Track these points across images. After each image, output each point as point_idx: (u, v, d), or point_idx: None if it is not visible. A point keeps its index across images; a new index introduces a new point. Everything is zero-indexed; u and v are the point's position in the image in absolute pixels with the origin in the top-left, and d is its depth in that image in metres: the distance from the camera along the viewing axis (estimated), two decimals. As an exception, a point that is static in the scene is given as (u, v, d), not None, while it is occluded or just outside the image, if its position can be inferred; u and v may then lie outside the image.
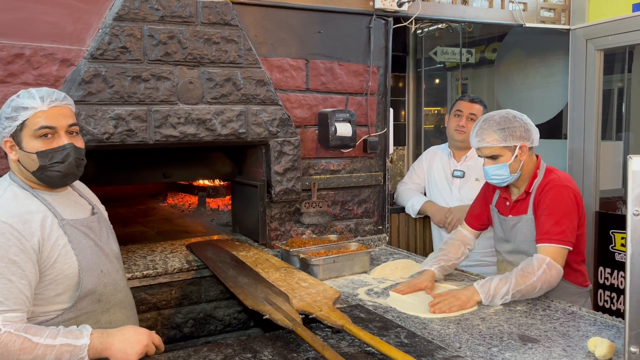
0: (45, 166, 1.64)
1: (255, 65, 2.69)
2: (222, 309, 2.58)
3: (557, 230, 2.05)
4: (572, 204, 2.10)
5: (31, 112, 1.63)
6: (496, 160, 2.14)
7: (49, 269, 1.60)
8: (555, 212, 2.08)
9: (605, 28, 3.58)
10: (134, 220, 3.69)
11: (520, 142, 2.12)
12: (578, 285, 2.26)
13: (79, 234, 1.69)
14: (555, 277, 2.02)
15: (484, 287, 2.02)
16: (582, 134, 3.77)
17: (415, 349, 1.63)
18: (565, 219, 2.07)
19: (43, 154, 1.64)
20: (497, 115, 2.18)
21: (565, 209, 2.09)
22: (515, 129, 2.12)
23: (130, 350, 1.56)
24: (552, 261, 2.02)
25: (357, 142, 3.07)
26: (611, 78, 4.10)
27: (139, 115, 2.42)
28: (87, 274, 1.67)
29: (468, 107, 3.01)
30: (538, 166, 2.22)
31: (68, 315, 1.64)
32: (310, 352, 1.63)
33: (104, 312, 1.73)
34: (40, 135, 1.64)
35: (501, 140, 2.11)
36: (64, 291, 1.64)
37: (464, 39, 4.86)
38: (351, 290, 2.29)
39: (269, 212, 2.87)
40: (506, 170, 2.14)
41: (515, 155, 2.13)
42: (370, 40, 3.09)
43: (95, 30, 2.38)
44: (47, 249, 1.60)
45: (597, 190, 3.74)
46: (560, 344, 1.69)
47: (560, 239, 2.04)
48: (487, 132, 2.14)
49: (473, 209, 2.50)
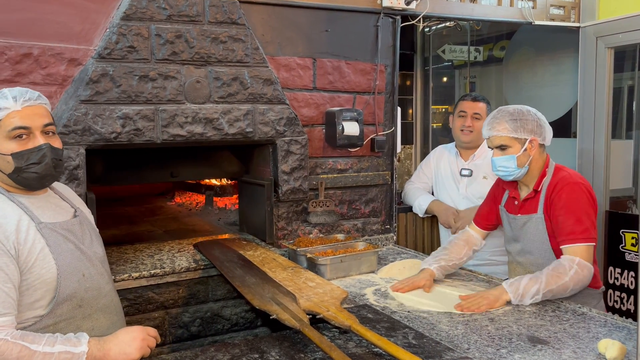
0: (21, 168, 1.58)
1: (262, 64, 2.68)
2: (229, 308, 2.58)
3: (580, 229, 2.02)
4: (588, 199, 2.08)
5: (4, 113, 1.57)
6: (505, 151, 2.12)
7: (26, 273, 1.53)
8: (573, 211, 2.05)
9: (615, 26, 3.54)
10: (141, 219, 3.70)
11: (531, 136, 2.11)
12: (589, 287, 2.18)
13: (58, 237, 1.63)
14: (588, 276, 1.99)
15: (513, 286, 2.00)
16: (592, 133, 3.73)
17: (423, 350, 1.62)
18: (584, 216, 2.04)
19: (18, 155, 1.57)
20: (512, 107, 2.17)
21: (582, 205, 2.06)
22: (527, 121, 2.11)
23: (129, 349, 1.54)
24: (582, 261, 1.99)
25: (364, 141, 3.06)
26: (621, 76, 4.06)
27: (147, 115, 2.42)
28: (66, 278, 1.60)
29: (471, 107, 2.99)
30: (547, 164, 2.20)
31: (46, 322, 1.57)
32: (317, 352, 1.62)
33: (85, 317, 1.65)
34: (15, 136, 1.57)
35: (512, 131, 2.10)
36: (42, 297, 1.57)
37: (472, 37, 4.83)
38: (358, 290, 2.28)
39: (276, 212, 2.86)
40: (514, 163, 2.11)
41: (525, 149, 2.11)
42: (378, 38, 3.08)
43: (103, 29, 2.38)
44: (24, 253, 1.53)
45: (607, 190, 3.70)
46: (570, 345, 1.68)
47: (585, 237, 2.01)
48: (499, 121, 2.13)
49: (481, 209, 2.48)
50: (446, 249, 2.41)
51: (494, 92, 5.04)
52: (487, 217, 2.44)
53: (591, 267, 2.01)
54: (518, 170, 2.13)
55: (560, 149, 4.16)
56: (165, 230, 3.30)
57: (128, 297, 2.32)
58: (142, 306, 2.38)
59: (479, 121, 2.92)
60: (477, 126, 2.92)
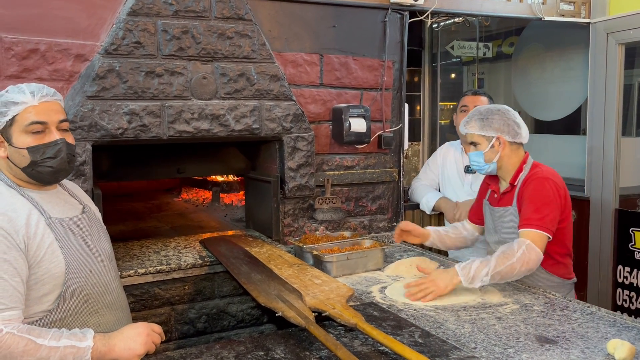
0: (36, 162, 1.60)
1: (269, 60, 2.67)
2: (235, 305, 2.57)
3: (537, 217, 2.12)
4: (552, 194, 2.18)
5: (22, 107, 1.59)
6: (476, 147, 2.30)
7: (35, 267, 1.55)
8: (535, 201, 2.17)
9: (626, 22, 3.50)
10: (147, 215, 3.71)
11: (497, 134, 2.25)
12: (561, 277, 2.31)
13: (67, 232, 1.64)
14: (534, 259, 2.06)
15: (465, 269, 2.06)
16: (601, 130, 3.69)
17: (430, 348, 1.61)
18: (544, 208, 2.14)
19: (34, 149, 1.60)
20: (485, 107, 2.34)
21: (545, 198, 2.17)
22: (493, 120, 2.26)
23: (134, 344, 1.54)
24: (532, 244, 2.07)
25: (371, 138, 3.04)
26: (632, 73, 4.01)
27: (153, 111, 2.42)
28: (74, 273, 1.61)
29: (473, 101, 2.98)
30: (525, 161, 2.31)
31: (53, 317, 1.58)
32: (323, 350, 1.61)
33: (91, 313, 1.66)
34: (32, 131, 1.60)
35: (479, 129, 2.27)
36: (50, 291, 1.58)
37: (480, 33, 4.78)
38: (365, 287, 2.27)
39: (283, 208, 2.86)
40: (482, 158, 2.29)
41: (492, 146, 2.26)
42: (386, 34, 3.06)
43: (110, 25, 2.38)
44: (33, 247, 1.55)
45: (617, 188, 3.66)
46: (578, 345, 1.66)
47: (539, 225, 2.11)
48: (470, 119, 2.31)
49: (474, 205, 2.61)
50: (447, 229, 2.62)
51: (502, 88, 4.99)
52: (477, 213, 2.56)
53: (539, 252, 2.08)
54: (487, 165, 2.30)
55: (570, 146, 4.13)
56: (172, 227, 3.30)
57: (134, 293, 2.32)
58: (148, 302, 2.38)
59: None
60: None
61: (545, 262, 2.20)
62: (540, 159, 2.94)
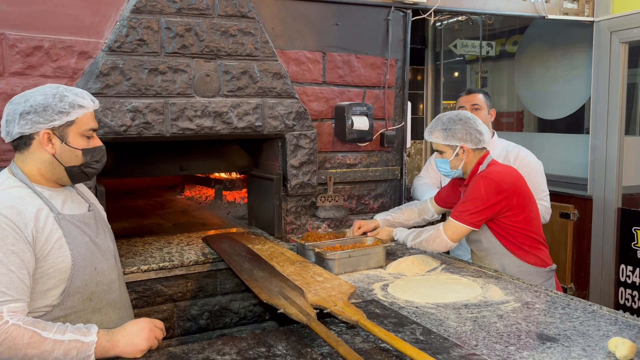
0: (86, 163, 1.72)
1: (272, 58, 2.67)
2: (237, 302, 2.58)
3: (460, 209, 2.34)
4: (482, 191, 2.31)
5: (85, 112, 1.69)
6: (441, 155, 2.43)
7: (41, 261, 1.57)
8: (467, 195, 2.35)
9: (630, 20, 3.49)
10: (150, 212, 3.72)
11: (460, 143, 2.36)
12: (534, 265, 2.40)
13: (74, 229, 1.67)
14: (438, 245, 2.38)
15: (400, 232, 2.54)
16: (605, 129, 3.69)
17: (431, 346, 1.61)
18: (468, 202, 2.32)
19: (88, 151, 1.72)
20: (446, 116, 2.42)
21: (473, 194, 2.32)
22: (456, 131, 2.36)
23: (137, 340, 1.56)
24: (441, 230, 2.36)
25: (374, 136, 3.05)
26: (635, 72, 4.01)
27: (156, 108, 2.43)
28: (79, 270, 1.63)
29: (469, 100, 2.98)
30: (481, 162, 2.39)
31: (57, 313, 1.60)
32: (324, 347, 1.62)
33: (95, 311, 1.68)
34: (87, 135, 1.72)
35: (443, 139, 2.38)
36: (55, 286, 1.60)
37: (484, 32, 4.78)
38: (366, 285, 2.27)
39: (285, 206, 2.86)
40: (447, 165, 2.42)
41: (456, 154, 2.38)
42: (389, 32, 3.06)
43: (113, 22, 2.39)
44: (41, 241, 1.57)
45: (620, 187, 3.66)
46: (579, 343, 1.66)
47: (457, 216, 2.34)
48: (434, 129, 2.41)
49: (443, 190, 2.75)
50: (400, 209, 2.82)
51: (505, 87, 4.99)
52: (445, 199, 2.70)
53: (445, 238, 2.35)
54: (453, 172, 2.44)
55: (573, 145, 4.12)
56: (175, 224, 3.31)
57: (137, 289, 2.33)
58: (150, 299, 2.39)
59: (480, 111, 2.92)
60: (479, 116, 2.91)
61: (515, 252, 2.38)
62: (543, 158, 2.95)
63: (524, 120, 4.86)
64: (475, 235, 2.45)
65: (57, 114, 1.64)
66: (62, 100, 1.66)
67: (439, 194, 2.75)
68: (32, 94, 1.67)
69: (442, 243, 2.38)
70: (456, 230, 2.35)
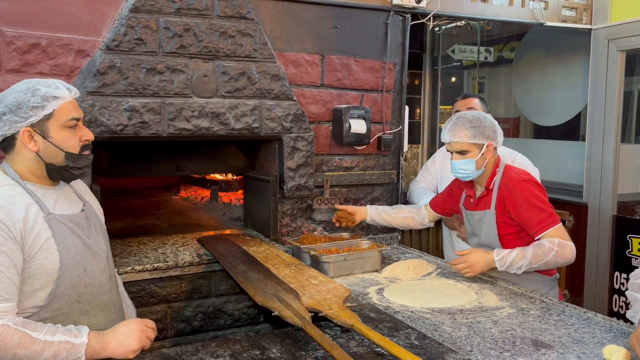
0: (67, 166, 1.66)
1: (270, 59, 2.67)
2: (231, 304, 2.57)
3: (545, 216, 2.22)
4: (539, 191, 2.28)
5: (61, 102, 1.62)
6: (464, 155, 2.31)
7: (28, 262, 1.54)
8: (533, 205, 2.24)
9: (628, 28, 3.51)
10: (146, 212, 3.70)
11: (488, 141, 2.29)
12: (539, 274, 2.37)
13: (64, 229, 1.63)
14: (570, 252, 2.18)
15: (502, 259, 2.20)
16: (601, 136, 3.70)
17: (426, 351, 1.61)
18: (543, 205, 2.24)
19: (71, 156, 1.65)
20: (469, 114, 2.35)
21: (537, 197, 2.25)
22: (485, 128, 2.29)
23: (128, 340, 1.54)
24: (561, 240, 2.17)
25: (371, 140, 3.04)
26: (632, 80, 4.02)
27: (153, 108, 2.42)
28: (67, 271, 1.60)
29: (464, 104, 2.99)
30: (497, 164, 2.37)
31: (44, 314, 1.57)
32: (318, 350, 1.61)
33: (82, 313, 1.64)
34: (70, 126, 1.65)
35: (471, 137, 2.28)
36: (42, 287, 1.57)
37: (482, 38, 4.79)
38: (362, 289, 2.27)
39: (281, 208, 2.85)
40: (472, 166, 2.30)
41: (482, 153, 2.29)
42: (387, 36, 3.06)
43: (112, 21, 2.38)
44: (29, 241, 1.54)
45: (615, 194, 3.67)
46: (574, 350, 1.66)
47: (552, 221, 2.21)
48: (460, 128, 2.30)
49: (439, 196, 2.74)
50: (394, 208, 2.83)
51: (503, 93, 5.00)
52: (442, 205, 2.69)
53: (571, 243, 2.20)
54: (476, 172, 2.32)
55: (569, 152, 4.13)
56: (170, 224, 3.30)
57: (131, 290, 2.31)
58: (144, 299, 2.37)
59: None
60: None
61: None
62: (539, 164, 2.96)
63: (520, 126, 4.87)
64: (485, 240, 2.39)
65: (32, 110, 1.59)
66: (34, 94, 1.60)
67: (435, 200, 2.73)
68: (5, 94, 1.63)
69: (572, 249, 2.19)
70: (563, 230, 2.23)
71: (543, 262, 2.16)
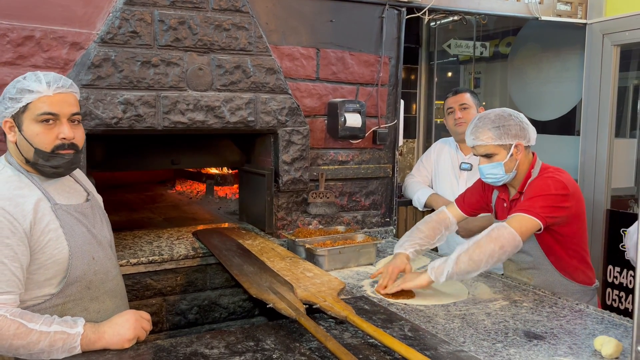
0: (37, 163, 1.63)
1: (265, 53, 2.67)
2: (227, 297, 2.58)
3: (528, 204, 2.00)
4: (551, 188, 2.04)
5: (36, 96, 1.60)
6: (491, 158, 2.10)
7: (38, 253, 1.57)
8: (531, 194, 2.04)
9: (622, 23, 3.51)
10: (141, 206, 3.70)
11: (515, 141, 2.09)
12: (580, 284, 2.21)
13: (71, 219, 1.66)
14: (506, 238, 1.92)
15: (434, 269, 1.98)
16: (595, 131, 3.71)
17: (419, 342, 1.62)
18: (538, 198, 2.01)
19: (41, 153, 1.61)
20: (492, 113, 2.13)
21: (541, 191, 2.03)
22: (510, 127, 2.08)
23: (123, 330, 1.57)
24: (506, 224, 1.95)
25: (366, 133, 3.05)
26: (627, 75, 4.03)
27: (148, 101, 2.41)
28: (77, 260, 1.64)
29: (456, 100, 2.99)
30: (533, 165, 2.16)
31: (56, 301, 1.62)
32: (313, 342, 1.62)
33: (92, 299, 1.69)
34: (42, 121, 1.61)
35: (496, 139, 2.08)
36: (53, 276, 1.61)
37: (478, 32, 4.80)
38: (356, 281, 2.28)
39: (276, 202, 2.86)
40: (501, 169, 2.10)
41: (511, 154, 2.08)
42: (383, 30, 3.06)
43: (106, 14, 2.37)
44: (38, 232, 1.57)
45: (609, 188, 3.69)
46: (566, 341, 1.67)
47: (527, 209, 1.98)
48: (482, 130, 2.10)
49: (468, 195, 2.41)
50: (421, 231, 2.32)
51: (498, 88, 5.02)
52: (474, 205, 2.38)
53: (512, 231, 1.93)
54: (507, 176, 2.12)
55: (564, 146, 4.15)
56: (165, 218, 3.30)
57: (126, 283, 2.29)
58: (139, 292, 2.38)
59: (468, 110, 2.93)
60: (468, 115, 2.93)
61: (564, 270, 2.15)
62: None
63: (516, 121, 4.87)
64: (524, 247, 2.06)
65: (10, 101, 1.61)
66: (14, 86, 1.62)
67: (464, 198, 2.40)
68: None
69: (509, 237, 1.92)
70: (524, 223, 1.95)
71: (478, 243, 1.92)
